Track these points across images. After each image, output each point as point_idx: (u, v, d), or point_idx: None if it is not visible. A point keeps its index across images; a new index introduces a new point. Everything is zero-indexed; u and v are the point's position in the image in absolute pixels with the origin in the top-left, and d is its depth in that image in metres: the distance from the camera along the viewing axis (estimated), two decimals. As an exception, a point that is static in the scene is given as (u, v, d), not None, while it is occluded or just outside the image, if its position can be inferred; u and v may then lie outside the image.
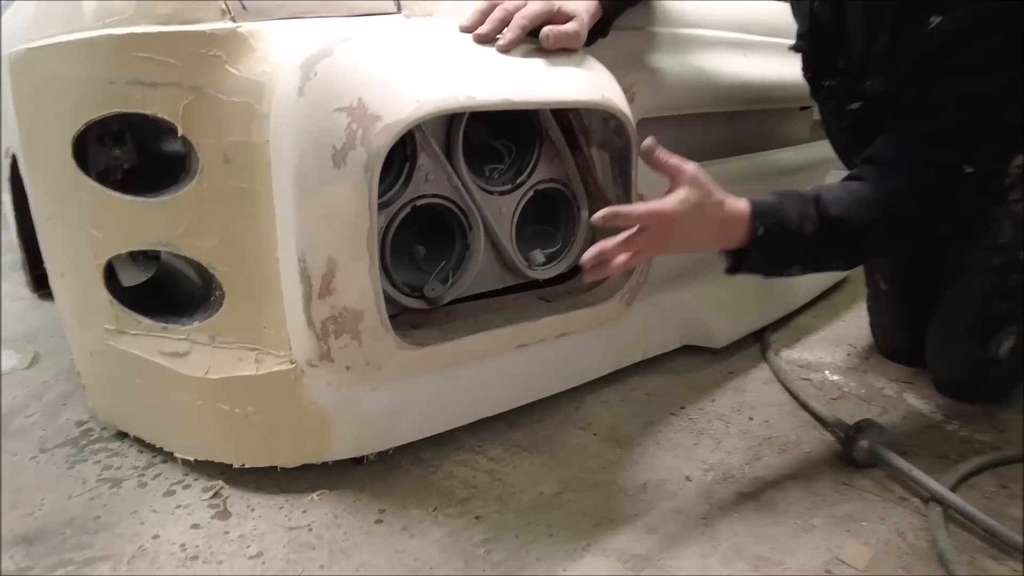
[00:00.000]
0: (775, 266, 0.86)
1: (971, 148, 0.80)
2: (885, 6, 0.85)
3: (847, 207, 0.81)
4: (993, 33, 0.76)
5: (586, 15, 0.80)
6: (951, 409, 1.08)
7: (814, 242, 0.80)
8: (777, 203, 0.80)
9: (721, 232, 0.79)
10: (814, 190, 0.83)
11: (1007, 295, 1.01)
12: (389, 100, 0.62)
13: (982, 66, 0.77)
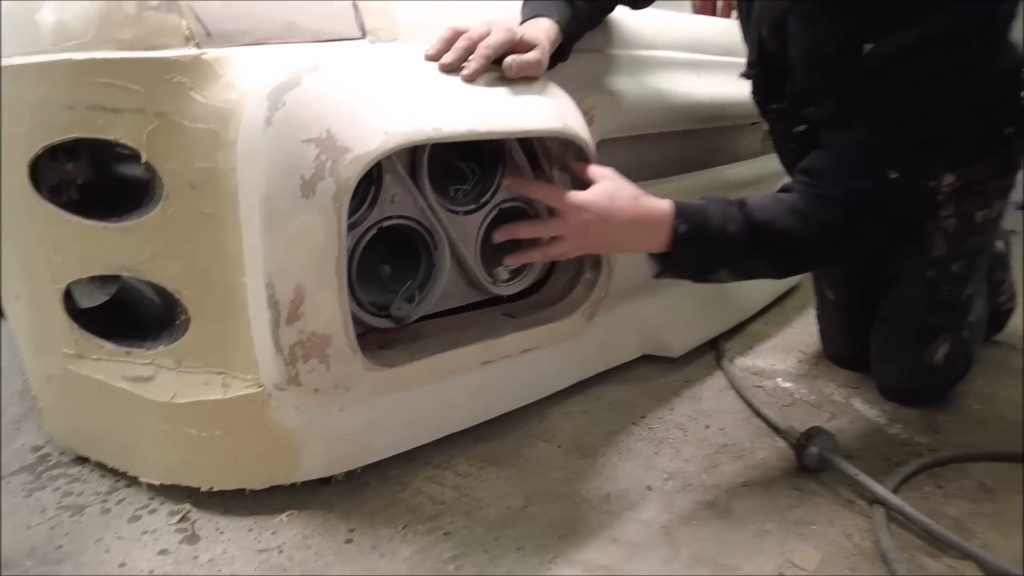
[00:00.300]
0: (701, 269, 0.89)
1: (896, 156, 0.85)
2: (824, 37, 0.90)
3: (773, 212, 0.85)
4: (919, 55, 0.81)
5: (547, 42, 0.82)
6: (894, 413, 1.14)
7: (738, 244, 0.84)
8: (701, 204, 0.84)
9: (642, 229, 0.82)
10: (740, 197, 0.87)
11: (941, 305, 1.08)
12: (358, 131, 0.63)
13: (907, 84, 0.83)
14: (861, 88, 0.86)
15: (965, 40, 0.81)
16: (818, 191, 0.86)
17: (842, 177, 0.85)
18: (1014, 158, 1.04)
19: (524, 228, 0.85)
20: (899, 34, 0.82)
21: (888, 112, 0.85)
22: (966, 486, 0.94)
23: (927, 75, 0.82)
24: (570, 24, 0.87)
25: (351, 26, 0.80)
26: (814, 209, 0.85)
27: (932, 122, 0.85)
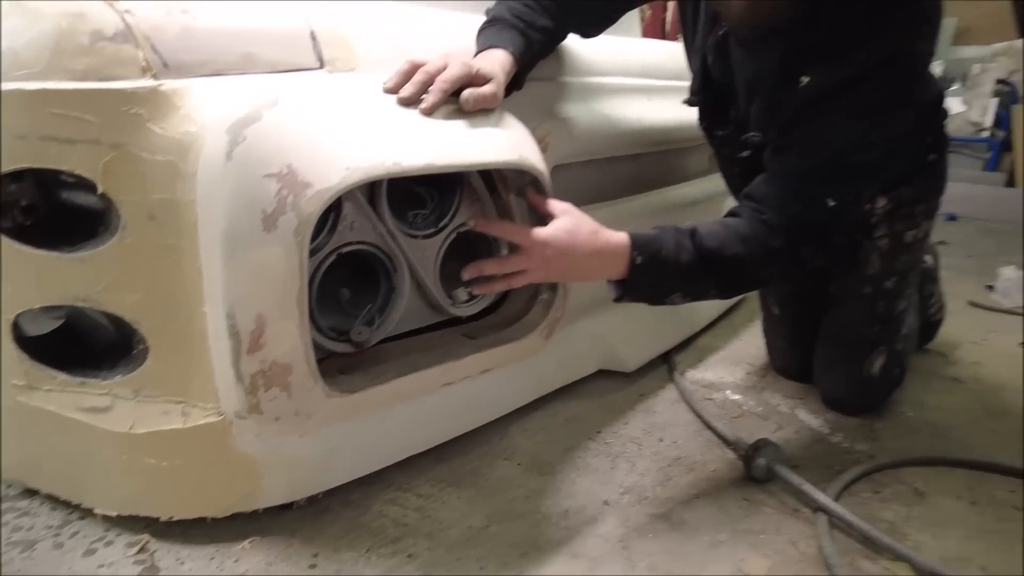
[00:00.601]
0: (656, 294, 0.94)
1: (833, 184, 0.90)
2: (767, 66, 0.95)
3: (722, 239, 0.90)
4: (851, 89, 0.87)
5: (502, 74, 0.85)
6: (836, 422, 1.20)
7: (691, 271, 0.89)
8: (655, 235, 0.89)
9: (601, 261, 0.87)
10: (691, 224, 0.91)
11: (876, 320, 1.14)
12: (319, 167, 0.65)
13: (841, 115, 0.88)
14: (798, 118, 0.91)
15: (891, 75, 0.87)
16: (762, 216, 0.91)
17: (784, 204, 0.90)
18: (938, 182, 1.12)
19: (490, 265, 0.88)
20: (833, 67, 0.87)
21: (823, 142, 0.90)
22: (900, 491, 1.00)
23: (859, 107, 0.88)
24: (524, 55, 0.90)
25: (309, 56, 0.81)
26: (759, 234, 0.90)
27: (865, 151, 0.90)
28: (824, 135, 0.90)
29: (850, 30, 0.85)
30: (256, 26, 0.79)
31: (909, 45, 0.87)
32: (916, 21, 0.87)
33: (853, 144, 0.89)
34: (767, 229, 0.90)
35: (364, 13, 0.91)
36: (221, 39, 0.76)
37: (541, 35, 0.94)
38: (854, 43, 0.86)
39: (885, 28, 0.84)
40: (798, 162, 0.92)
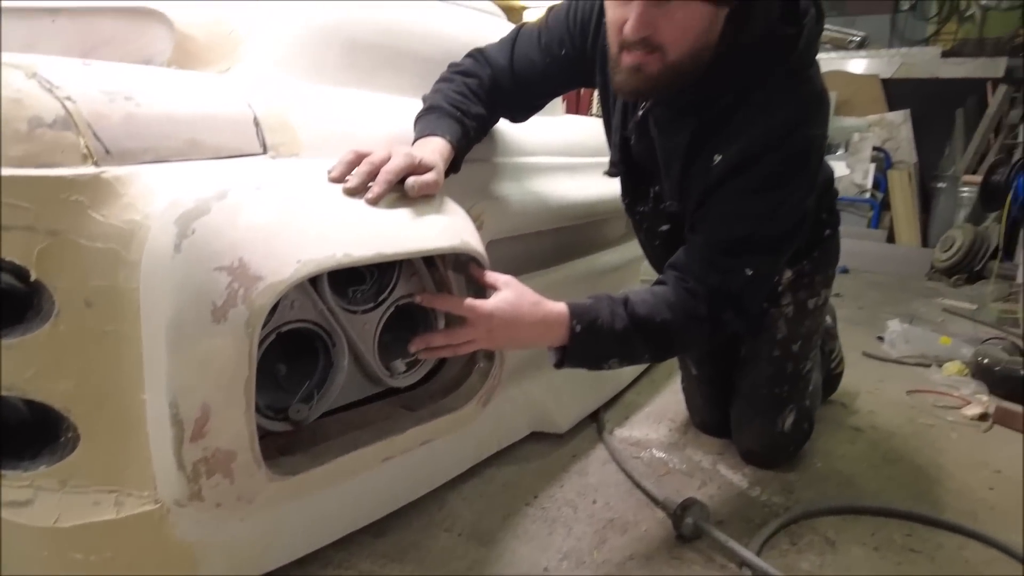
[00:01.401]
0: (595, 360, 0.99)
1: (748, 255, 0.99)
2: (679, 144, 1.04)
3: (652, 307, 0.96)
4: (757, 166, 0.96)
5: (442, 161, 0.90)
6: (753, 476, 1.28)
7: (625, 337, 0.94)
8: (592, 305, 0.95)
9: (542, 330, 0.92)
10: (623, 293, 0.98)
11: (786, 380, 1.24)
12: (270, 260, 0.66)
13: (750, 191, 0.97)
14: (712, 193, 1.00)
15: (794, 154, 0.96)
16: (686, 285, 0.98)
17: (705, 274, 0.98)
18: (833, 254, 1.25)
19: (437, 338, 0.92)
20: (742, 147, 0.96)
21: (736, 216, 0.99)
22: (814, 540, 1.08)
23: (761, 185, 0.97)
24: (460, 141, 0.96)
25: (252, 142, 0.83)
26: (684, 301, 0.97)
27: (775, 224, 0.99)
28: (736, 209, 0.98)
29: (753, 113, 0.95)
30: (200, 112, 0.81)
31: (806, 127, 0.97)
32: (811, 105, 0.98)
33: (763, 217, 0.98)
34: (691, 297, 0.97)
35: (305, 97, 0.94)
36: (165, 125, 0.77)
37: (476, 122, 1.00)
38: (758, 124, 0.95)
39: (785, 111, 0.95)
40: (715, 235, 1.00)
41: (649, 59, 0.88)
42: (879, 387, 1.84)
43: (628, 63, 0.89)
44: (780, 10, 0.93)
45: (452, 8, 1.25)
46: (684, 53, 0.88)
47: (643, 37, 0.85)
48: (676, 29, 0.85)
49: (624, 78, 0.92)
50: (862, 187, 4.13)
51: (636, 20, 0.84)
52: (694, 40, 0.87)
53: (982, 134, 3.92)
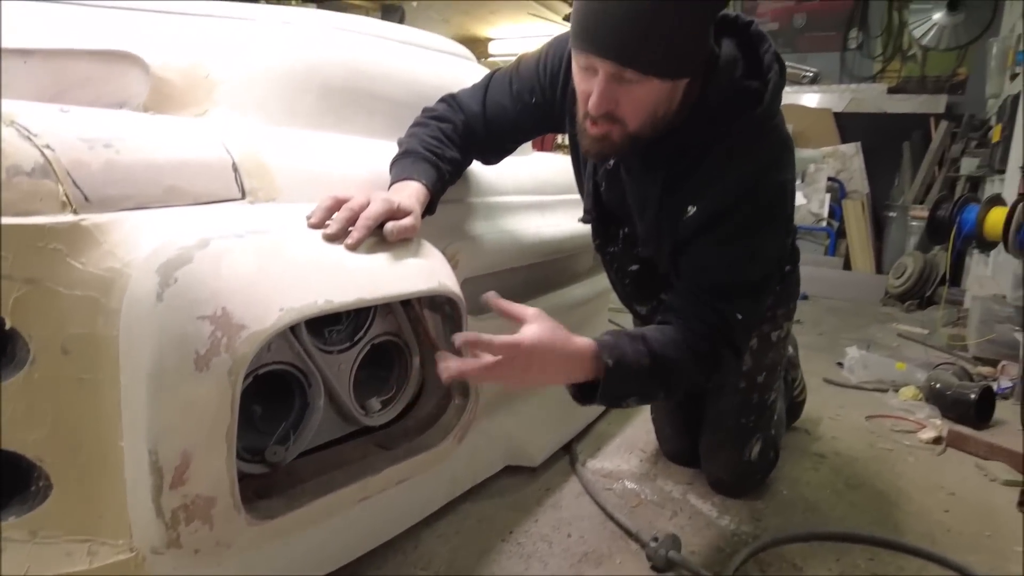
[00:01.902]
0: (619, 397, 0.97)
1: (737, 298, 1.02)
2: (651, 194, 1.07)
3: (664, 345, 0.97)
4: (733, 216, 1.00)
5: (419, 205, 0.92)
6: (722, 505, 1.31)
7: (648, 374, 0.95)
8: (616, 341, 0.95)
9: (570, 365, 0.91)
10: (637, 331, 0.99)
11: (752, 410, 1.28)
12: (253, 309, 0.67)
13: (729, 240, 1.01)
14: (691, 243, 1.03)
15: (766, 201, 1.01)
16: (690, 325, 1.00)
17: (704, 315, 1.01)
18: (794, 288, 1.30)
19: (473, 372, 0.86)
20: (715, 198, 1.00)
21: (717, 264, 1.02)
22: (783, 568, 1.11)
23: (737, 234, 1.00)
24: (436, 184, 0.98)
25: (231, 188, 0.84)
26: (692, 341, 0.99)
27: (756, 267, 1.03)
28: (719, 258, 1.02)
29: (723, 164, 0.99)
30: (179, 158, 0.82)
31: (777, 174, 1.02)
32: (779, 152, 1.03)
33: (745, 262, 1.02)
34: (696, 336, 1.00)
35: (282, 141, 0.96)
36: (145, 172, 0.78)
37: (450, 166, 1.03)
38: (730, 175, 0.99)
39: (755, 161, 0.99)
40: (702, 282, 1.03)
41: (612, 129, 0.93)
42: (840, 413, 1.90)
43: (593, 133, 0.94)
44: (744, 67, 0.98)
45: (423, 52, 1.28)
46: (644, 123, 0.92)
47: (605, 112, 0.90)
48: (635, 104, 0.90)
49: (589, 144, 0.97)
50: (819, 216, 4.28)
51: (598, 97, 0.88)
52: (653, 111, 0.92)
53: (927, 166, 4.11)
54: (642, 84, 0.87)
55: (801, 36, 4.78)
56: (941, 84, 4.37)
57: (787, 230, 1.08)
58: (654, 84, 0.88)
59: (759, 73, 0.97)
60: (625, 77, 0.87)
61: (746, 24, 0.99)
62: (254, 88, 1.04)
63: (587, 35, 0.87)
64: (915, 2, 4.38)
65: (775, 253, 1.05)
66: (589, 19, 0.86)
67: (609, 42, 0.84)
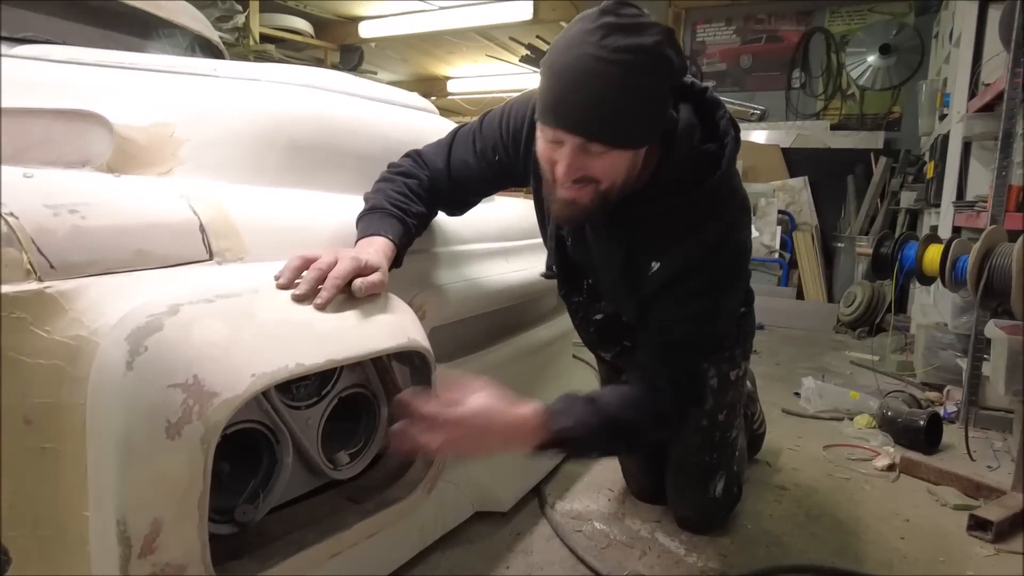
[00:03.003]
0: (573, 454, 1.04)
1: (702, 351, 1.07)
2: (616, 251, 1.11)
3: (619, 407, 1.02)
4: (696, 274, 1.05)
5: (386, 261, 0.94)
6: (689, 541, 1.33)
7: (599, 437, 0.99)
8: (566, 407, 0.98)
9: (513, 436, 0.94)
10: (593, 394, 1.03)
11: (714, 447, 1.31)
12: (225, 375, 0.68)
13: (692, 296, 1.06)
14: (655, 299, 1.07)
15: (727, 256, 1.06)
16: (653, 383, 1.05)
17: (669, 371, 1.06)
18: (750, 328, 1.35)
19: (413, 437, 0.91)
20: (677, 256, 1.04)
21: (684, 318, 1.06)
22: (750, 605, 1.13)
23: (699, 289, 1.05)
24: (402, 239, 1.00)
25: (199, 249, 0.85)
26: (651, 400, 1.04)
27: (718, 320, 1.08)
28: (682, 314, 1.06)
29: (685, 224, 1.04)
30: (146, 221, 0.82)
31: (736, 233, 1.07)
32: (737, 212, 1.08)
33: (708, 317, 1.07)
34: (656, 393, 1.04)
35: (248, 199, 0.97)
36: (112, 237, 0.78)
37: (416, 220, 1.05)
38: (692, 235, 1.04)
39: (715, 221, 1.04)
40: (666, 337, 1.07)
41: (583, 192, 0.96)
42: (799, 443, 1.96)
43: (563, 196, 0.98)
44: (701, 133, 1.03)
45: (388, 107, 1.31)
46: (615, 184, 0.96)
47: (575, 179, 0.94)
48: (604, 170, 0.94)
49: (559, 209, 1.00)
50: (771, 248, 4.42)
51: (566, 167, 0.93)
52: (625, 173, 0.96)
53: (870, 199, 4.30)
54: (607, 155, 0.92)
55: (748, 76, 5.00)
56: (879, 121, 4.61)
57: (746, 283, 1.13)
58: (618, 154, 0.92)
59: (716, 137, 1.03)
60: (591, 150, 0.91)
61: (702, 90, 1.05)
62: (220, 146, 1.05)
63: (554, 111, 0.91)
64: (851, 46, 4.64)
65: (736, 308, 1.11)
66: (556, 96, 0.90)
67: (576, 119, 0.89)
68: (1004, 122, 2.04)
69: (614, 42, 0.85)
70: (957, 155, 2.83)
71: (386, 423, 1.09)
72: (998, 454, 1.91)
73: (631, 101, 0.88)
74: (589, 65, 0.86)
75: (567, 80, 0.88)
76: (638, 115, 0.90)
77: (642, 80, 0.87)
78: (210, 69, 1.20)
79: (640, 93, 0.88)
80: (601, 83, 0.86)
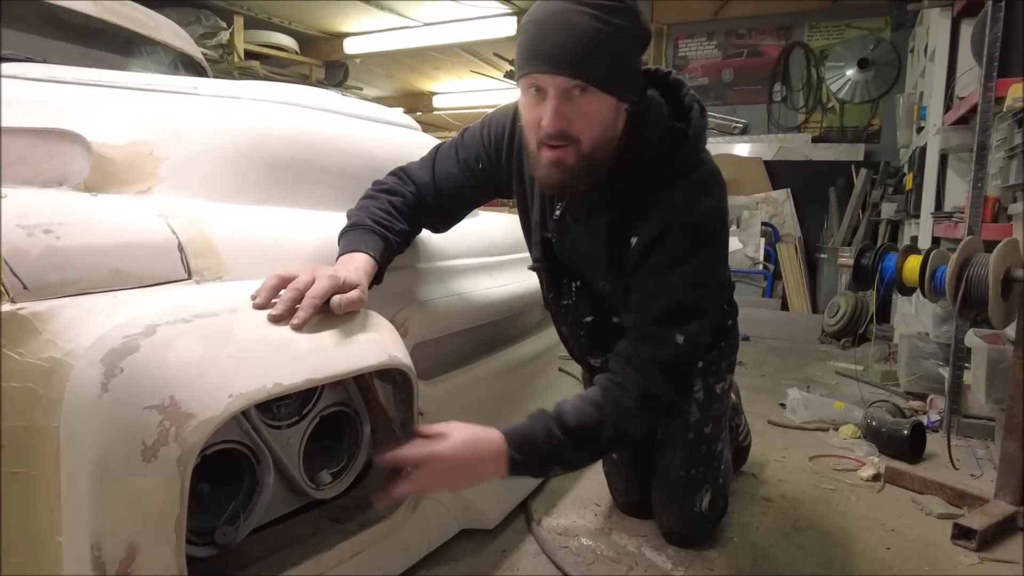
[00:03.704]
0: (537, 474, 1.05)
1: (677, 323, 1.07)
2: (598, 234, 1.13)
3: (581, 413, 1.02)
4: (668, 242, 1.06)
5: (365, 278, 0.93)
6: (676, 556, 1.33)
7: (563, 451, 0.99)
8: (527, 429, 0.99)
9: (487, 464, 0.96)
10: (558, 406, 1.03)
11: (700, 461, 1.31)
12: (202, 397, 0.67)
13: (666, 265, 1.07)
14: (636, 273, 1.09)
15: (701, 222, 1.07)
16: (616, 379, 1.05)
17: (639, 349, 1.06)
18: (734, 341, 1.36)
19: (402, 489, 0.95)
20: (652, 224, 1.06)
21: (661, 288, 1.07)
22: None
23: (673, 259, 1.06)
24: (383, 255, 1.00)
25: (177, 268, 0.84)
26: (613, 398, 1.04)
27: (696, 289, 1.08)
28: (658, 284, 1.08)
29: (658, 198, 1.06)
30: (123, 240, 0.81)
31: (706, 201, 1.08)
32: (706, 182, 1.09)
33: (683, 286, 1.07)
34: (620, 391, 1.04)
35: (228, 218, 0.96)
36: (88, 257, 0.77)
37: (399, 237, 1.05)
38: (663, 206, 1.06)
39: (684, 192, 1.06)
40: (644, 310, 1.09)
41: (566, 152, 0.99)
42: (785, 455, 1.96)
43: (548, 158, 1.00)
44: (669, 110, 1.08)
45: (370, 124, 1.31)
46: (596, 142, 1.00)
47: (560, 129, 0.97)
48: (586, 120, 0.98)
49: (546, 172, 1.02)
50: (755, 259, 4.45)
51: (552, 114, 0.96)
52: (603, 129, 1.00)
53: (851, 211, 4.35)
54: (590, 99, 0.96)
55: (730, 90, 5.06)
56: (859, 134, 4.68)
57: (723, 255, 1.14)
58: (601, 99, 0.97)
59: (682, 115, 1.08)
60: (574, 93, 0.95)
61: (665, 74, 1.11)
62: (200, 164, 1.04)
63: (537, 56, 0.95)
64: (830, 60, 4.71)
65: (714, 279, 1.12)
66: (538, 43, 0.95)
67: (559, 58, 0.94)
68: (978, 135, 2.08)
69: None
70: (935, 167, 2.88)
71: (369, 440, 1.08)
72: (981, 462, 1.92)
73: (608, 44, 0.94)
74: (566, 13, 0.93)
75: (547, 27, 0.94)
76: (615, 58, 0.96)
77: (616, 23, 0.94)
78: (190, 87, 1.20)
79: (615, 37, 0.94)
80: (579, 26, 0.92)
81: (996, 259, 1.46)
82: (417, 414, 1.02)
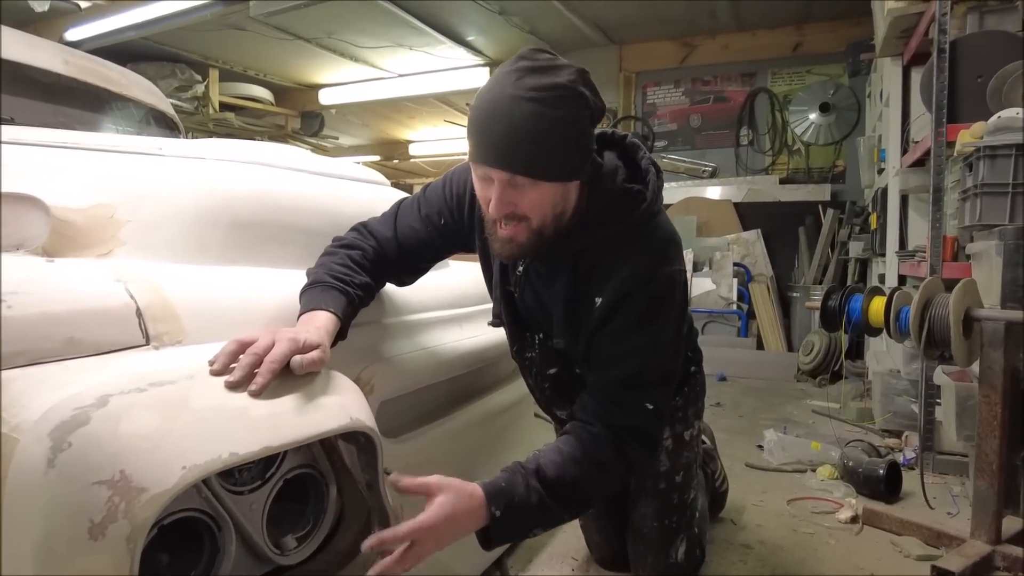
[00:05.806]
0: (518, 535, 1.02)
1: (644, 388, 1.07)
2: (559, 292, 1.14)
3: (560, 468, 1.01)
4: (630, 306, 1.07)
5: (327, 337, 0.93)
6: (654, 610, 1.30)
7: (544, 508, 0.98)
8: (506, 483, 0.97)
9: (471, 522, 0.94)
10: (535, 459, 1.02)
11: (673, 510, 1.30)
12: (154, 469, 0.65)
13: (629, 328, 1.07)
14: (599, 334, 1.09)
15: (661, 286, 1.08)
16: (592, 430, 1.05)
17: (610, 413, 1.06)
18: (700, 387, 1.36)
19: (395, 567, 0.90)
20: (615, 286, 1.06)
21: (626, 352, 1.07)
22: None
23: (638, 321, 1.07)
24: (345, 310, 1.00)
25: (135, 334, 0.83)
26: (590, 451, 1.03)
27: (660, 353, 1.09)
28: (622, 347, 1.08)
29: (617, 260, 1.07)
30: (79, 308, 0.80)
31: (665, 266, 1.09)
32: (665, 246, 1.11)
33: (646, 349, 1.07)
34: (596, 442, 1.04)
35: (189, 280, 0.95)
36: (41, 326, 0.75)
37: (361, 291, 1.05)
38: (624, 269, 1.07)
39: (644, 256, 1.07)
40: (609, 373, 1.09)
41: (518, 229, 1.01)
42: (763, 499, 1.95)
43: (503, 235, 1.03)
44: (625, 174, 1.10)
45: (336, 181, 1.32)
46: (546, 220, 1.02)
47: (505, 213, 0.99)
48: (532, 204, 0.99)
49: (500, 246, 1.05)
50: (728, 300, 4.50)
51: (496, 201, 0.98)
52: (551, 208, 1.01)
53: (821, 249, 4.44)
54: (534, 188, 0.97)
55: (698, 135, 5.19)
56: (824, 174, 4.81)
57: (684, 317, 1.15)
58: (545, 187, 0.98)
59: (639, 178, 1.09)
60: (518, 180, 0.96)
61: (622, 137, 1.13)
62: (163, 226, 1.04)
63: (481, 147, 0.97)
64: (793, 104, 4.87)
65: (674, 340, 1.12)
66: (480, 135, 0.96)
67: (498, 155, 0.95)
68: (933, 178, 2.15)
69: (530, 82, 0.93)
70: (896, 207, 2.96)
71: (335, 502, 1.06)
72: (957, 499, 1.93)
73: (549, 135, 0.94)
74: (507, 104, 0.93)
75: (488, 119, 0.95)
76: (556, 148, 0.96)
77: (558, 114, 0.94)
78: (155, 148, 1.20)
79: (557, 127, 0.94)
80: (519, 119, 0.93)
81: (956, 300, 1.49)
82: (383, 474, 1.00)
